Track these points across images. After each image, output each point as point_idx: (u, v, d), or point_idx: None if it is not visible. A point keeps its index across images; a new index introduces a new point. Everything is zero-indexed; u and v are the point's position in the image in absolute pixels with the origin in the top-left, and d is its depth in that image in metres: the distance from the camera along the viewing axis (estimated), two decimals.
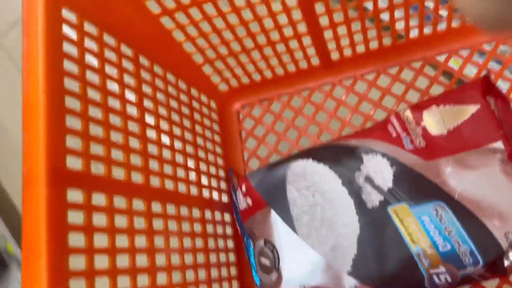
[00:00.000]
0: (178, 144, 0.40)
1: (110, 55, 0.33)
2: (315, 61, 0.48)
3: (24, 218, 0.24)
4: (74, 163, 0.27)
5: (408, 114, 0.39)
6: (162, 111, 0.39)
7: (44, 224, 0.24)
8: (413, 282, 0.34)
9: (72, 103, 0.28)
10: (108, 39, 0.33)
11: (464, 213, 0.34)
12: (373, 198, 0.36)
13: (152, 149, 0.36)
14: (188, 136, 0.42)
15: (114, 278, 0.28)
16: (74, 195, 0.27)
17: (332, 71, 0.49)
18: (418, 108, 0.39)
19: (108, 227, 0.29)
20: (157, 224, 0.34)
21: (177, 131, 0.40)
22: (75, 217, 0.26)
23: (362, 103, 0.47)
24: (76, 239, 0.26)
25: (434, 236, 0.34)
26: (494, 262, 0.33)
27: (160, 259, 0.33)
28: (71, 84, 0.28)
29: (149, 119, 0.36)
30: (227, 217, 0.46)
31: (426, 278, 0.34)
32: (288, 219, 0.38)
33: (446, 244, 0.34)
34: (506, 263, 0.33)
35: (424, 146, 0.37)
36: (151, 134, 0.36)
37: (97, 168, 0.29)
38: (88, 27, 0.31)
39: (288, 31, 0.43)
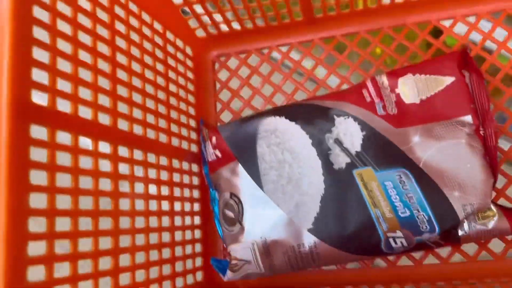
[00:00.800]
0: (149, 88, 0.38)
1: None
2: (298, 16, 0.47)
3: None
4: (39, 99, 0.26)
5: (384, 79, 0.39)
6: (135, 51, 0.37)
7: (5, 160, 0.23)
8: (369, 244, 0.36)
9: (40, 34, 0.26)
10: None
11: (426, 181, 0.35)
12: (340, 160, 0.37)
13: (122, 91, 0.35)
14: (160, 81, 0.41)
15: (75, 218, 0.28)
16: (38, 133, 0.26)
17: (313, 28, 0.48)
18: (394, 74, 0.39)
19: (72, 167, 0.28)
20: (123, 169, 0.33)
21: (149, 74, 0.39)
22: (38, 156, 0.25)
23: (340, 64, 0.47)
24: (37, 177, 0.25)
25: (395, 201, 0.35)
26: (449, 231, 0.34)
27: (124, 204, 0.33)
28: (41, 14, 0.26)
29: (121, 58, 0.35)
30: (195, 167, 0.45)
31: (383, 240, 0.35)
32: (255, 174, 0.38)
33: (406, 210, 0.35)
34: (460, 232, 0.34)
35: (396, 113, 0.38)
36: (122, 75, 0.35)
37: (63, 106, 0.28)
38: None
39: None
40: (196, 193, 0.45)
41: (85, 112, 0.30)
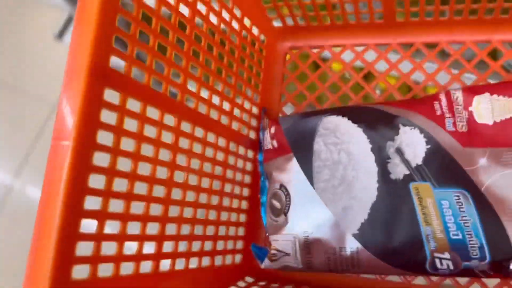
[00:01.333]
0: (219, 70, 0.39)
1: None
2: (379, 17, 0.46)
3: (59, 109, 0.25)
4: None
5: (459, 95, 0.37)
6: (212, 33, 0.38)
7: (77, 118, 0.24)
8: (415, 260, 0.35)
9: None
10: None
11: (485, 207, 0.33)
12: (398, 171, 0.36)
13: (194, 70, 0.36)
14: (231, 64, 0.42)
15: (132, 183, 0.29)
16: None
17: (393, 32, 0.47)
18: (470, 91, 0.37)
19: (137, 133, 0.30)
20: (183, 143, 0.35)
21: (221, 57, 0.40)
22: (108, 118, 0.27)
23: (415, 72, 0.45)
24: (104, 138, 0.27)
25: (448, 222, 0.34)
26: (500, 262, 0.33)
27: (179, 176, 0.34)
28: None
29: (198, 38, 0.36)
30: (250, 154, 0.46)
31: (429, 260, 0.34)
32: (308, 170, 0.38)
33: (458, 232, 0.33)
34: (511, 266, 0.33)
35: (466, 131, 0.36)
36: (195, 54, 0.36)
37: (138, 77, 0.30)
38: None
39: None
40: (247, 178, 0.46)
41: (156, 85, 0.31)
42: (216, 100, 0.39)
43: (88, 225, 0.27)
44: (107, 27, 0.26)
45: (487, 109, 0.36)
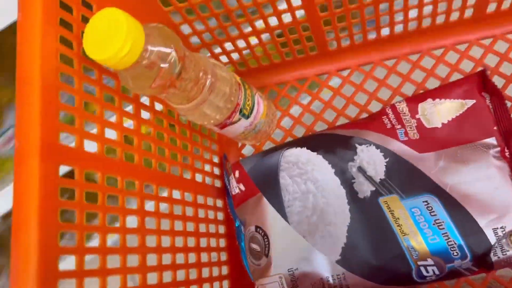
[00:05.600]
0: (172, 127, 0.39)
1: None
2: (313, 49, 0.48)
3: (15, 193, 0.24)
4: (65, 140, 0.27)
5: (404, 106, 0.39)
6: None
7: (36, 200, 0.24)
8: (401, 273, 0.35)
9: (65, 79, 0.28)
10: None
11: (454, 207, 0.34)
12: (364, 189, 0.37)
13: (146, 130, 0.36)
14: (182, 119, 0.42)
15: (104, 257, 0.28)
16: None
17: (329, 60, 0.49)
18: (413, 100, 0.39)
19: (99, 205, 0.29)
20: (148, 206, 0.34)
21: (171, 113, 0.40)
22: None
23: (358, 93, 0.47)
24: (67, 216, 0.26)
25: (423, 228, 0.34)
26: (482, 257, 0.33)
27: (151, 240, 0.33)
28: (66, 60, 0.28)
29: (143, 99, 0.36)
30: (219, 203, 0.46)
31: (414, 269, 0.34)
32: (280, 206, 0.38)
33: (435, 236, 0.34)
34: (493, 258, 0.33)
35: (418, 138, 0.37)
36: (145, 114, 0.36)
37: (90, 147, 0.29)
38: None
39: (287, 18, 0.42)
40: (221, 229, 0.45)
41: (111, 152, 0.31)
42: (174, 156, 0.38)
43: None
44: (51, 104, 0.26)
45: (433, 114, 0.38)
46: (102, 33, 0.27)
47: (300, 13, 0.42)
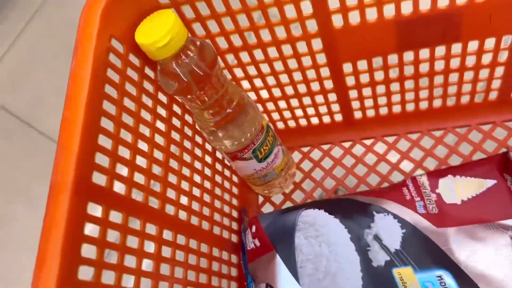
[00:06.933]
0: (196, 177, 0.41)
1: (147, 86, 0.36)
2: (338, 117, 0.50)
3: (44, 224, 0.26)
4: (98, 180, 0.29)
5: (424, 179, 0.40)
6: (187, 143, 0.41)
7: (62, 232, 0.25)
8: None
9: (106, 124, 0.30)
10: (149, 72, 0.36)
11: (468, 284, 0.34)
12: (379, 257, 0.37)
13: (172, 178, 0.37)
14: (207, 171, 0.44)
15: None
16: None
17: (353, 129, 0.50)
18: (435, 175, 0.40)
19: (120, 245, 0.30)
20: (165, 252, 0.35)
21: (197, 165, 0.42)
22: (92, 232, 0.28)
23: (380, 163, 0.48)
24: (88, 252, 0.27)
25: None
26: None
27: (163, 287, 0.34)
28: (108, 107, 0.31)
29: (173, 149, 0.38)
30: (234, 258, 0.46)
31: None
32: (292, 266, 0.38)
33: None
34: None
35: (437, 212, 0.38)
36: (173, 164, 0.38)
37: (119, 189, 0.31)
38: (132, 58, 0.34)
39: (315, 86, 0.45)
40: (233, 285, 0.45)
41: (137, 194, 0.33)
42: (195, 206, 0.40)
43: None
44: (90, 144, 0.28)
45: (453, 190, 0.39)
46: (153, 26, 0.32)
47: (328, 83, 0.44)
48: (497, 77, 0.44)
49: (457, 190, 0.39)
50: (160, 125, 0.37)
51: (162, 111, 0.37)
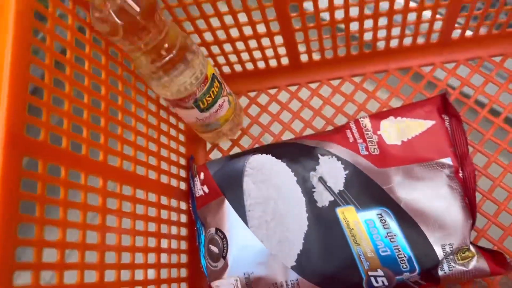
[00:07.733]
0: (140, 126, 0.40)
1: (82, 31, 0.33)
2: (285, 61, 0.49)
3: None
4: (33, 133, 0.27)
5: (367, 121, 0.41)
6: (128, 90, 0.39)
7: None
8: (352, 282, 0.36)
9: (36, 72, 0.28)
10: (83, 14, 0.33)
11: (407, 221, 0.36)
12: (323, 198, 0.38)
13: (113, 128, 0.36)
14: (151, 119, 0.42)
15: (62, 251, 0.28)
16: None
17: (300, 73, 0.50)
18: (377, 117, 0.41)
19: (61, 200, 0.29)
20: (110, 203, 0.34)
21: (140, 112, 0.40)
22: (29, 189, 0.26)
23: (325, 107, 0.49)
24: (27, 208, 0.26)
25: (376, 240, 0.36)
26: (429, 271, 0.35)
27: (111, 238, 0.33)
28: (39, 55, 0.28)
29: (113, 97, 0.36)
30: (183, 205, 0.46)
31: (365, 279, 0.36)
32: (241, 210, 0.39)
33: (387, 249, 0.35)
34: (440, 273, 0.35)
35: (378, 153, 0.39)
36: (114, 113, 0.36)
37: (56, 141, 0.29)
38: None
39: (261, 28, 0.43)
40: (183, 231, 0.45)
41: (77, 147, 0.31)
42: (141, 155, 0.39)
43: None
44: (20, 95, 0.26)
45: (394, 131, 0.40)
46: None
47: (274, 25, 0.43)
48: (439, 19, 0.44)
49: (398, 131, 0.40)
50: (97, 72, 0.34)
51: (99, 57, 0.35)
